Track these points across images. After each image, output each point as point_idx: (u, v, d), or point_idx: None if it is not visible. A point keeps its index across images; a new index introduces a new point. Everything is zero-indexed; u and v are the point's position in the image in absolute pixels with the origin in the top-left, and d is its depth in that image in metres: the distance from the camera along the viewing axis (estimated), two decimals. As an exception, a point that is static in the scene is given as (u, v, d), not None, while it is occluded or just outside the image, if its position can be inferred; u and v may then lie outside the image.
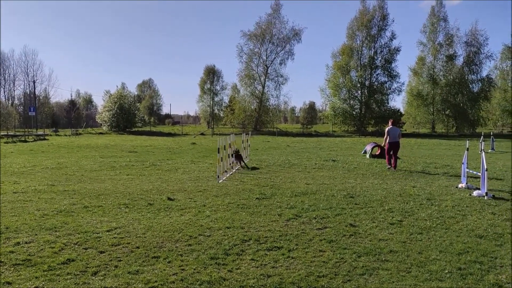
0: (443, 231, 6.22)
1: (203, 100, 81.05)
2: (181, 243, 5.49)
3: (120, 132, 48.35)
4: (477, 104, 58.19)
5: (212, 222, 6.57)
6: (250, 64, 58.07)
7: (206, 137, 43.21)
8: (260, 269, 4.59)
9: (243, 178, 11.68)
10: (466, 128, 57.65)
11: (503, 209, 7.74)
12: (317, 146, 28.15)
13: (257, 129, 54.47)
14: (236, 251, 5.18)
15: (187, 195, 8.89)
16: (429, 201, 8.47)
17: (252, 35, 57.24)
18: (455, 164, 16.04)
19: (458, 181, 11.24)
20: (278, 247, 5.36)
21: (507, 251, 5.28)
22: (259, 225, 6.39)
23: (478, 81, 59.82)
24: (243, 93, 59.72)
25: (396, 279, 4.35)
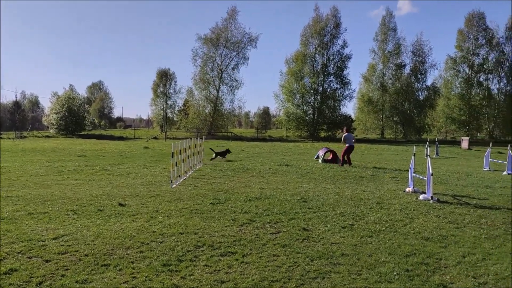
0: (391, 234, 6.43)
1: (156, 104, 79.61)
2: (133, 250, 5.34)
3: (69, 136, 46.58)
4: (423, 112, 60.93)
5: (165, 228, 6.44)
6: (205, 68, 57.80)
7: (159, 141, 42.49)
8: (213, 275, 4.55)
9: (197, 183, 11.57)
10: (412, 134, 60.14)
11: (447, 212, 8.11)
12: (271, 151, 28.38)
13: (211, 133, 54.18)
14: (189, 257, 5.11)
15: (139, 201, 8.68)
16: (379, 205, 8.74)
17: (207, 39, 57.04)
18: (403, 169, 16.67)
19: (405, 185, 11.67)
20: (232, 252, 5.34)
21: (451, 253, 5.53)
22: (213, 231, 6.33)
23: (423, 89, 62.72)
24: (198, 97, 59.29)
25: (347, 282, 4.44)
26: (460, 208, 8.57)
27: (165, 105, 78.11)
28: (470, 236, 6.40)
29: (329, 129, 58.18)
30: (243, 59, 58.31)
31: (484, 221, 7.43)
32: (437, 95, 62.79)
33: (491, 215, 7.99)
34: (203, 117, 57.67)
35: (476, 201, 9.50)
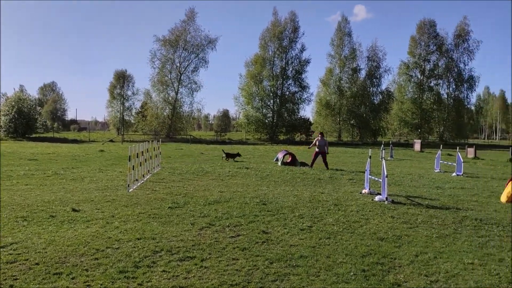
0: (349, 235, 6.56)
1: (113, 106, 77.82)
2: (87, 257, 5.17)
3: (19, 139, 44.56)
4: (378, 115, 62.77)
5: (121, 233, 6.28)
6: (163, 70, 57.01)
7: (116, 144, 41.46)
8: (172, 281, 4.47)
9: (155, 187, 11.36)
10: (368, 137, 61.81)
11: (401, 213, 8.37)
12: (231, 153, 28.32)
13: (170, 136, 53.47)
14: (147, 263, 5.00)
15: (94, 206, 8.42)
16: (336, 206, 8.91)
17: (166, 40, 56.28)
18: (360, 171, 17.08)
19: (362, 187, 11.96)
20: (190, 257, 5.27)
21: (405, 252, 5.71)
22: (171, 235, 6.23)
23: (378, 93, 64.67)
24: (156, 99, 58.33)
25: (306, 284, 4.48)
26: (413, 209, 8.87)
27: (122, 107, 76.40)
28: (422, 235, 6.63)
29: (288, 132, 58.82)
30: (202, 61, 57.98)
31: (435, 220, 7.73)
32: (391, 99, 64.91)
33: (442, 214, 8.32)
34: (162, 120, 56.82)
35: (428, 202, 9.87)
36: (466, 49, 65.60)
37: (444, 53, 65.88)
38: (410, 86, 67.00)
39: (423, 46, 66.18)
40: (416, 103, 65.42)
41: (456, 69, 65.81)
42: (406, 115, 65.47)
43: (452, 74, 65.94)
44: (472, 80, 65.64)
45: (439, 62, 66.26)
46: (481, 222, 7.70)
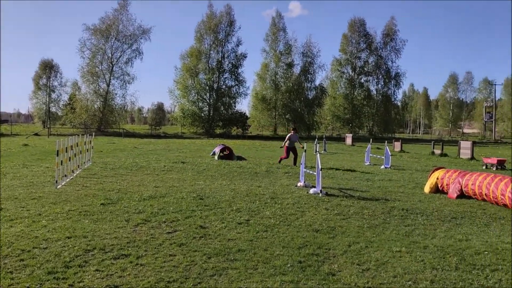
0: (285, 227, 6.68)
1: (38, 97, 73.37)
2: (11, 259, 4.83)
3: None
4: (312, 110, 64.50)
5: (49, 232, 5.93)
6: (94, 61, 54.63)
7: (42, 137, 39.18)
8: (106, 280, 4.30)
9: (85, 182, 10.87)
10: (303, 131, 63.29)
11: (335, 204, 8.67)
12: (166, 147, 27.82)
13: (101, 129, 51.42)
14: (78, 262, 4.76)
15: (19, 204, 7.89)
16: (273, 199, 9.03)
17: (96, 30, 53.91)
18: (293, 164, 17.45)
19: (297, 180, 12.23)
20: (125, 254, 5.10)
21: (339, 243, 5.91)
22: (104, 233, 5.99)
23: (312, 88, 66.42)
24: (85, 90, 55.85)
25: (244, 277, 4.50)
26: (345, 200, 9.22)
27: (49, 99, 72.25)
28: (355, 226, 6.91)
29: (224, 126, 58.82)
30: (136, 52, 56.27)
31: (366, 211, 8.08)
32: (325, 94, 67.00)
33: (372, 205, 8.72)
34: (92, 113, 54.48)
35: (359, 193, 10.31)
36: (394, 47, 69.22)
37: (374, 51, 69.05)
38: (342, 82, 69.60)
39: (354, 44, 68.90)
40: (348, 98, 68.08)
41: (385, 67, 69.26)
42: (338, 110, 67.93)
43: (381, 71, 69.32)
44: (398, 77, 69.43)
45: (369, 60, 69.40)
46: (407, 212, 8.16)
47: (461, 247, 5.87)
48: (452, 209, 8.63)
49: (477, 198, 9.76)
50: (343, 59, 69.11)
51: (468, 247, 5.87)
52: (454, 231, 6.82)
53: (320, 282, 4.43)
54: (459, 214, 8.15)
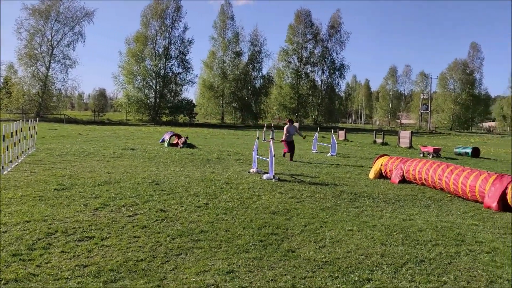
0: (243, 210, 6.93)
1: (-32, 79, 68.41)
2: (-31, 244, 4.72)
3: None
4: (259, 99, 65.10)
5: (6, 217, 5.80)
6: (32, 43, 51.67)
7: (-25, 123, 36.77)
8: (73, 260, 4.34)
9: (33, 169, 10.53)
10: (250, 120, 63.86)
11: (288, 189, 9.04)
12: (113, 134, 27.14)
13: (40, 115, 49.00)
14: (42, 245, 4.75)
15: (-35, 190, 7.56)
16: (228, 185, 9.25)
17: (35, 10, 50.97)
18: (245, 152, 17.75)
19: (249, 166, 12.51)
20: (89, 237, 5.13)
21: (295, 223, 6.25)
22: (63, 217, 5.94)
23: (260, 77, 66.98)
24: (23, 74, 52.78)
25: (210, 255, 4.71)
26: (298, 185, 9.62)
27: (-20, 82, 67.68)
28: (308, 208, 7.29)
29: (171, 113, 57.97)
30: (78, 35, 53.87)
31: (318, 195, 8.51)
32: (271, 83, 67.78)
33: (323, 190, 9.18)
34: (30, 97, 51.73)
35: (310, 179, 10.76)
36: (338, 39, 71.05)
37: (319, 42, 70.55)
38: (288, 72, 70.67)
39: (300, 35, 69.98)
40: (294, 88, 69.29)
41: (330, 58, 71.00)
42: (285, 99, 69.02)
43: (326, 62, 71.01)
44: (343, 68, 71.49)
45: (315, 51, 70.83)
46: (355, 196, 8.69)
47: (406, 225, 6.40)
48: (395, 193, 9.28)
49: (417, 182, 10.52)
50: (289, 49, 70.10)
51: (412, 225, 6.42)
52: (398, 212, 7.38)
53: (282, 258, 4.72)
54: (402, 197, 8.79)
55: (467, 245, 5.51)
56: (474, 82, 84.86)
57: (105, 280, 3.88)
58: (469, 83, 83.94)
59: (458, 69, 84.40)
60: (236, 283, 3.96)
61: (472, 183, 8.67)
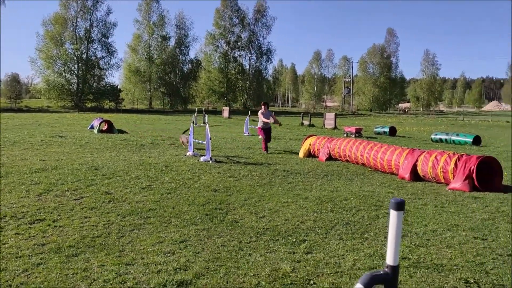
0: (186, 189, 7.35)
1: None
2: None
3: None
4: (187, 83, 64.57)
5: None
6: None
7: None
8: (30, 241, 4.54)
9: (-42, 158, 10.08)
10: (179, 105, 63.24)
11: (226, 169, 9.55)
12: (35, 122, 25.88)
13: None
14: (-6, 229, 4.86)
15: None
16: (168, 167, 9.57)
17: None
18: (177, 136, 17.95)
19: (185, 150, 12.83)
20: (40, 219, 5.30)
21: (236, 198, 6.79)
22: (9, 202, 5.99)
23: (188, 62, 66.30)
24: None
25: (161, 229, 5.11)
26: (234, 166, 10.17)
27: None
28: (247, 185, 7.87)
29: (96, 99, 55.80)
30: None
31: (254, 173, 9.12)
32: (200, 68, 67.42)
33: (258, 169, 9.81)
34: None
35: (245, 160, 11.35)
36: (265, 24, 72.09)
37: (246, 27, 71.12)
38: (216, 56, 70.65)
39: (227, 19, 70.06)
40: (223, 72, 69.50)
41: (257, 42, 71.93)
42: (213, 83, 69.08)
43: (253, 46, 71.88)
44: (269, 53, 72.79)
45: (242, 35, 71.33)
46: (288, 173, 9.41)
47: (333, 196, 7.20)
48: (323, 169, 10.15)
49: (342, 159, 11.51)
50: (216, 34, 69.99)
51: (338, 196, 7.23)
52: (326, 185, 8.19)
53: (228, 228, 5.24)
54: (329, 173, 9.66)
55: (384, 209, 6.40)
56: (391, 66, 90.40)
57: (67, 255, 4.16)
58: (387, 67, 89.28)
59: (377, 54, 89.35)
60: (190, 250, 4.42)
61: (389, 157, 9.74)
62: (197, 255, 4.27)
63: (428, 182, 8.83)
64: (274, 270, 3.95)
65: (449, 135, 19.75)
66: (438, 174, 8.62)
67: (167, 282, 3.59)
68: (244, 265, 4.05)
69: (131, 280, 3.62)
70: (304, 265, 4.10)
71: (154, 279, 3.65)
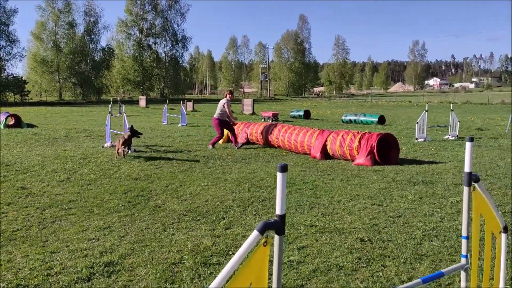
0: (107, 180, 7.40)
1: None
2: None
3: None
4: (100, 73, 61.89)
5: None
6: None
7: None
8: None
9: None
10: (92, 95, 60.53)
11: (146, 158, 9.66)
12: None
13: None
14: None
15: None
16: (85, 159, 9.45)
17: None
18: (94, 128, 17.49)
19: (102, 141, 12.63)
20: (-48, 219, 5.14)
21: (158, 185, 7.00)
22: None
23: (99, 50, 63.44)
24: None
25: (84, 218, 5.21)
26: (154, 154, 10.29)
27: None
28: (168, 172, 8.08)
29: (-2, 92, 51.63)
30: None
31: (175, 160, 9.33)
32: (113, 56, 64.85)
33: (178, 156, 10.03)
34: None
35: (164, 148, 11.49)
36: (179, 10, 70.97)
37: (160, 13, 69.50)
38: (130, 44, 68.41)
39: (139, 5, 67.96)
40: (137, 61, 67.51)
41: (171, 29, 70.67)
42: (128, 72, 66.91)
43: (168, 33, 70.55)
44: (185, 40, 71.91)
45: (156, 22, 69.67)
46: (208, 158, 9.75)
47: (251, 177, 7.67)
48: (241, 153, 10.62)
49: (259, 143, 12.07)
50: (129, 21, 67.66)
51: (255, 176, 7.72)
52: (245, 168, 8.66)
53: (151, 212, 5.48)
54: (247, 156, 10.15)
55: (297, 185, 6.99)
56: (305, 51, 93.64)
57: (-13, 250, 4.17)
58: (300, 52, 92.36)
59: (290, 40, 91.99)
60: (115, 234, 4.61)
61: (301, 139, 10.45)
62: (122, 239, 4.48)
63: (336, 159, 9.65)
64: (196, 245, 4.30)
65: (357, 116, 21.29)
66: (345, 152, 9.46)
67: (94, 264, 3.79)
68: (167, 244, 4.34)
69: (57, 266, 3.76)
70: (223, 239, 4.49)
71: (80, 263, 3.83)
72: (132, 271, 3.69)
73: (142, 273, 3.64)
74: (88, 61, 61.16)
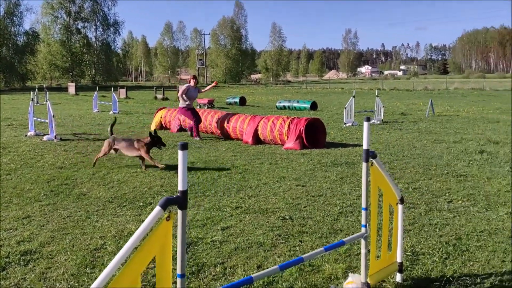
0: (28, 169, 7.09)
1: None
2: None
3: None
4: (24, 58, 58.17)
5: None
6: None
7: None
8: None
9: None
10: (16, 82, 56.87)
11: (73, 146, 9.34)
12: None
13: None
14: None
15: None
16: (5, 149, 8.95)
17: None
18: (16, 116, 16.54)
19: (26, 130, 11.99)
20: None
21: (84, 173, 6.82)
22: None
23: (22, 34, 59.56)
24: None
25: (2, 209, 4.99)
26: (82, 142, 9.97)
27: None
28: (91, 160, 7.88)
29: None
30: None
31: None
32: (37, 41, 61.14)
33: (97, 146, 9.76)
34: None
35: (93, 136, 11.16)
36: (110, -6, 68.01)
37: (89, -4, 66.32)
38: (57, 27, 64.79)
39: (66, -14, 64.35)
40: (65, 46, 64.18)
41: (102, 13, 67.74)
42: (55, 58, 63.45)
43: (98, 17, 67.58)
44: (117, 24, 69.25)
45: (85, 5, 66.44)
46: (138, 145, 9.58)
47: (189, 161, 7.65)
48: (174, 140, 10.57)
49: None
50: (55, 3, 63.88)
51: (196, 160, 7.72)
52: (176, 154, 8.62)
53: (75, 201, 5.35)
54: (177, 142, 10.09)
55: (226, 170, 7.12)
56: (241, 38, 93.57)
57: None
58: (237, 39, 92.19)
59: (227, 26, 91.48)
60: (34, 224, 4.48)
61: (234, 125, 10.57)
62: (42, 228, 4.36)
63: (267, 144, 9.88)
64: (120, 230, 4.29)
65: (291, 102, 21.79)
66: (275, 137, 9.71)
67: (10, 254, 3.68)
68: (90, 230, 4.29)
69: (-31, 258, 3.61)
70: (149, 224, 4.50)
71: (-5, 254, 3.70)
72: (51, 258, 3.63)
73: (62, 260, 3.59)
74: (9, 46, 57.14)
